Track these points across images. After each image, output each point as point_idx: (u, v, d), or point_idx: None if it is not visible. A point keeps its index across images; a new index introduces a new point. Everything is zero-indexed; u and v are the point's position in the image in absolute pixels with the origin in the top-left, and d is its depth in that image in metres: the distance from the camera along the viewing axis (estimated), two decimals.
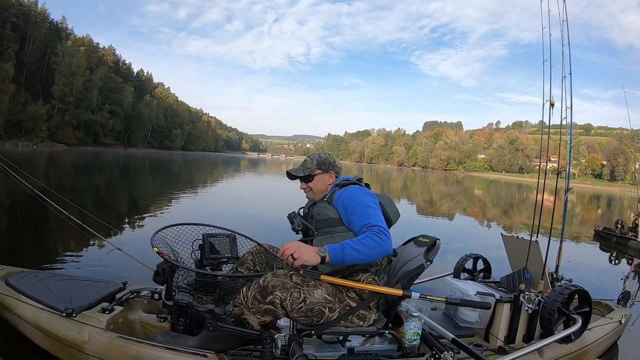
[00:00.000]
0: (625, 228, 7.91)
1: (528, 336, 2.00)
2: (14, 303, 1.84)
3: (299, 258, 1.49)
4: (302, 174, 1.85)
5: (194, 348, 1.60)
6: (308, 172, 1.86)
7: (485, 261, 2.82)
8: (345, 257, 1.49)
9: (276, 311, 1.58)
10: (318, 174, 1.86)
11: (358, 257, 1.50)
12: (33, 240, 4.58)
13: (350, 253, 1.49)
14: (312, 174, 1.85)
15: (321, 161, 1.87)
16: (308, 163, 1.88)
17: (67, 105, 49.78)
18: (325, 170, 1.86)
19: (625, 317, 2.47)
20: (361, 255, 1.50)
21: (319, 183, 1.86)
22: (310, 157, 1.91)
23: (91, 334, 1.63)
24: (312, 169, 1.86)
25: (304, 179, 1.87)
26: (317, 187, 1.86)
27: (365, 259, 1.53)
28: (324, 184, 1.86)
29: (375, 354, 1.70)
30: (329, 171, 1.87)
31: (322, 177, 1.86)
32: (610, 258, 6.60)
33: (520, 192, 28.98)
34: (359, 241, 1.52)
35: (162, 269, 1.67)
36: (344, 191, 1.74)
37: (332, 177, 1.88)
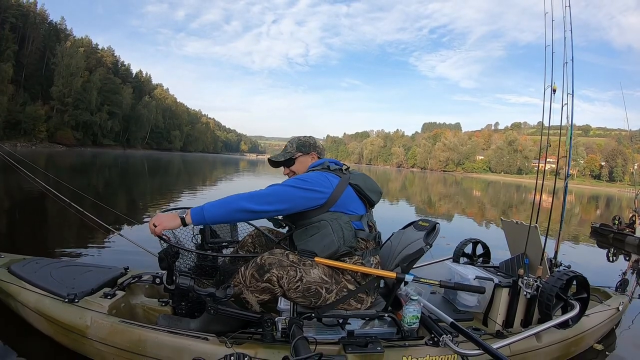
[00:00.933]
0: (623, 224, 7.95)
1: (526, 321, 2.02)
2: (16, 290, 1.85)
3: (159, 225, 1.52)
4: (283, 159, 1.83)
5: (196, 331, 1.62)
6: (289, 155, 1.84)
7: (485, 246, 2.84)
8: (205, 215, 1.51)
9: (274, 289, 1.59)
10: (299, 157, 1.84)
11: (217, 212, 1.52)
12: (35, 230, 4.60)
13: (209, 209, 1.51)
14: (293, 157, 1.83)
15: (301, 143, 1.85)
16: (288, 147, 1.86)
17: (66, 106, 49.83)
18: (306, 152, 1.84)
19: (623, 305, 2.49)
20: (219, 211, 1.52)
21: (301, 166, 1.84)
22: (291, 141, 1.89)
23: (93, 318, 1.64)
24: (292, 152, 1.84)
25: (285, 163, 1.85)
26: (300, 171, 1.84)
27: (226, 215, 1.54)
28: (305, 166, 1.84)
29: (375, 336, 1.71)
30: (310, 152, 1.85)
31: (304, 159, 1.84)
32: (607, 255, 6.60)
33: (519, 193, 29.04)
34: (222, 199, 1.54)
35: (164, 254, 1.68)
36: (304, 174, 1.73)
37: (314, 157, 1.85)
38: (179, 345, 1.56)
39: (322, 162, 1.78)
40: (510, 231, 2.52)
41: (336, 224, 1.62)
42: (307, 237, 1.64)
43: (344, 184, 1.68)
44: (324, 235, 1.61)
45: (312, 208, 1.62)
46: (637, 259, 6.26)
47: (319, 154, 1.87)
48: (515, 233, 2.43)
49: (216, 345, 1.55)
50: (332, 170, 1.72)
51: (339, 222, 1.63)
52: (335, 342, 1.65)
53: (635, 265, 5.84)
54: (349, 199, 1.68)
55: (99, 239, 4.18)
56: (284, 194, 1.57)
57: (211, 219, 1.54)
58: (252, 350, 1.55)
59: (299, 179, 1.63)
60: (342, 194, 1.66)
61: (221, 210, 1.52)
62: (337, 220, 1.63)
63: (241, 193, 1.55)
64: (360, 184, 1.70)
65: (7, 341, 1.88)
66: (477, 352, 1.62)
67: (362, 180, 1.73)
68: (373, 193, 1.75)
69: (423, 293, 2.04)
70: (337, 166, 1.77)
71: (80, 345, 1.68)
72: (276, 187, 1.59)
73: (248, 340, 1.62)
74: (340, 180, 1.68)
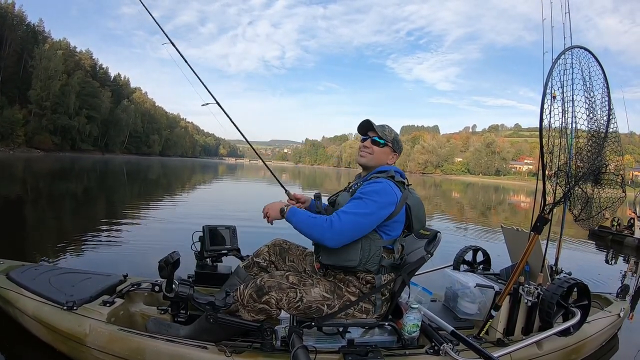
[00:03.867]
0: (622, 226, 7.95)
1: (527, 329, 2.01)
2: (15, 297, 1.85)
3: (269, 216, 1.65)
4: (379, 133, 1.72)
5: (194, 340, 1.61)
6: (384, 138, 1.73)
7: (485, 253, 2.83)
8: (294, 222, 1.59)
9: (271, 311, 1.59)
10: (388, 147, 1.75)
11: (301, 227, 1.58)
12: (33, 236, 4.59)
13: (298, 220, 1.58)
14: (386, 142, 1.74)
15: (396, 139, 1.77)
16: (386, 130, 1.75)
17: (44, 110, 49.06)
18: (394, 150, 1.77)
19: (623, 311, 2.48)
20: (302, 228, 1.57)
21: (382, 155, 1.75)
22: (389, 128, 1.77)
23: (92, 326, 1.63)
24: (388, 138, 1.74)
25: (376, 140, 1.73)
26: (377, 157, 1.74)
27: (304, 233, 1.58)
28: (384, 158, 1.75)
29: (375, 345, 1.70)
30: (395, 152, 1.78)
31: (388, 151, 1.75)
32: (606, 258, 6.58)
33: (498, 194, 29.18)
34: (312, 217, 1.58)
35: (164, 263, 1.67)
36: (372, 183, 1.64)
37: (394, 159, 1.78)
38: (178, 353, 1.55)
39: (388, 170, 1.70)
40: (510, 238, 2.52)
41: (367, 245, 1.59)
42: (331, 250, 1.59)
43: (402, 201, 1.63)
44: (349, 248, 1.58)
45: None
46: (636, 261, 6.25)
47: (395, 159, 1.80)
48: (515, 240, 2.42)
49: (215, 354, 1.55)
50: (397, 182, 1.66)
51: (372, 244, 1.60)
52: (335, 351, 1.64)
53: (635, 267, 5.83)
54: (398, 222, 1.64)
55: (97, 245, 4.18)
56: (364, 225, 1.55)
57: (297, 227, 1.59)
58: (252, 359, 1.55)
59: (372, 200, 1.55)
60: (398, 214, 1.61)
61: (302, 227, 1.57)
62: (372, 242, 1.60)
63: (325, 218, 1.54)
64: (413, 209, 1.67)
65: (6, 348, 1.88)
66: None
67: (416, 206, 1.69)
68: (418, 223, 1.71)
69: (423, 301, 2.04)
70: (401, 178, 1.70)
71: (79, 353, 1.68)
72: (351, 211, 1.53)
73: (247, 349, 1.61)
74: (402, 196, 1.63)
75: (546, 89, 1.82)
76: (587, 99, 2.12)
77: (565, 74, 2.02)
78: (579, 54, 2.05)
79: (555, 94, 1.92)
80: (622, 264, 6.16)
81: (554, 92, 1.92)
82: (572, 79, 2.04)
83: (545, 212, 1.92)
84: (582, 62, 2.08)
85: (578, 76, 2.06)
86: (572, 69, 2.01)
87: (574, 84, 2.06)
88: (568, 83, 2.04)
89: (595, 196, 2.26)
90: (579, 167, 2.10)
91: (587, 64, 2.09)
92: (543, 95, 1.81)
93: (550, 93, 1.88)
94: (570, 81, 2.04)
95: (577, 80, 2.07)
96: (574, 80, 2.06)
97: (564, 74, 2.02)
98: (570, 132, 2.19)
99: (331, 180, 31.21)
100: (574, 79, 2.06)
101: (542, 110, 1.82)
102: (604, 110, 2.16)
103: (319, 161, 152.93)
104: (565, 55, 1.97)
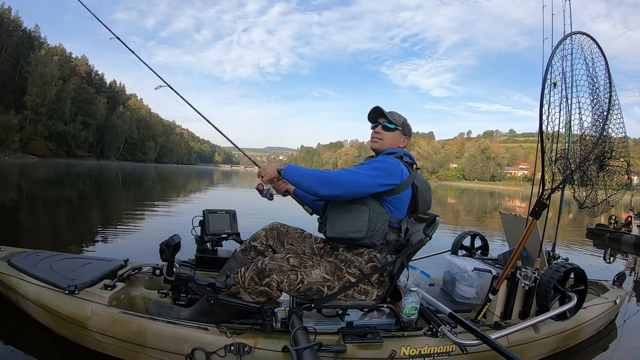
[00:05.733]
0: (619, 224, 7.98)
1: (524, 312, 2.03)
2: (17, 282, 1.86)
3: (265, 175, 1.66)
4: (390, 118, 1.77)
5: (194, 321, 1.63)
6: (394, 123, 1.78)
7: (483, 238, 2.84)
8: (292, 175, 1.57)
9: (271, 293, 1.60)
10: (398, 131, 1.80)
11: (298, 179, 1.56)
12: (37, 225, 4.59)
13: (296, 173, 1.57)
14: (396, 126, 1.79)
15: (406, 124, 1.82)
16: (395, 115, 1.80)
17: (40, 115, 48.93)
18: (404, 133, 1.81)
19: (620, 298, 2.50)
20: (300, 179, 1.56)
21: (393, 139, 1.80)
22: (397, 115, 1.82)
23: (94, 310, 1.65)
24: (397, 122, 1.79)
25: (386, 125, 1.78)
26: (389, 141, 1.79)
27: (302, 184, 1.55)
28: (395, 142, 1.80)
29: (374, 327, 1.72)
30: (406, 135, 1.82)
31: (399, 135, 1.81)
32: (604, 256, 6.59)
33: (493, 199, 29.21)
34: (310, 169, 1.58)
35: (165, 245, 1.69)
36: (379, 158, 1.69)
37: (405, 142, 1.82)
38: (179, 335, 1.56)
39: (397, 152, 1.75)
40: (508, 224, 2.53)
41: (374, 218, 1.61)
42: (338, 220, 1.62)
43: (409, 180, 1.66)
44: (356, 219, 1.60)
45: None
46: (635, 257, 6.28)
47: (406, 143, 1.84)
48: (513, 226, 2.44)
49: (216, 335, 1.56)
50: (405, 162, 1.69)
51: (379, 218, 1.62)
52: (335, 333, 1.66)
53: (633, 263, 5.86)
54: (404, 199, 1.67)
55: (99, 231, 4.18)
56: (359, 183, 1.54)
57: (297, 182, 1.58)
58: (252, 340, 1.56)
59: (377, 169, 1.58)
60: (403, 191, 1.64)
61: (304, 180, 1.55)
62: (379, 215, 1.62)
63: (329, 172, 1.56)
64: (420, 190, 1.69)
65: (8, 333, 1.89)
66: (475, 342, 1.64)
67: (423, 188, 1.71)
68: (424, 205, 1.74)
69: (422, 284, 2.05)
70: (410, 160, 1.74)
71: (80, 337, 1.69)
72: (354, 175, 1.54)
73: (248, 331, 1.62)
74: (409, 175, 1.66)
75: (547, 75, 1.83)
76: (591, 84, 2.13)
77: (566, 60, 2.03)
78: (580, 40, 2.05)
79: (555, 80, 1.93)
80: (620, 261, 6.17)
81: (554, 79, 1.93)
82: (572, 65, 2.04)
83: (544, 197, 1.94)
84: (584, 49, 2.07)
85: (581, 61, 2.06)
86: (572, 54, 2.01)
87: (577, 70, 2.06)
88: (568, 69, 2.04)
89: (600, 181, 2.26)
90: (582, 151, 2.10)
91: (590, 50, 2.10)
92: (543, 81, 1.82)
93: (550, 79, 1.89)
94: (570, 67, 2.05)
95: (580, 65, 2.07)
96: (576, 66, 2.05)
97: (564, 60, 2.02)
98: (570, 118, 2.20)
99: None
100: (577, 64, 2.05)
101: (543, 96, 1.83)
102: (607, 96, 2.17)
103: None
104: (565, 42, 1.98)
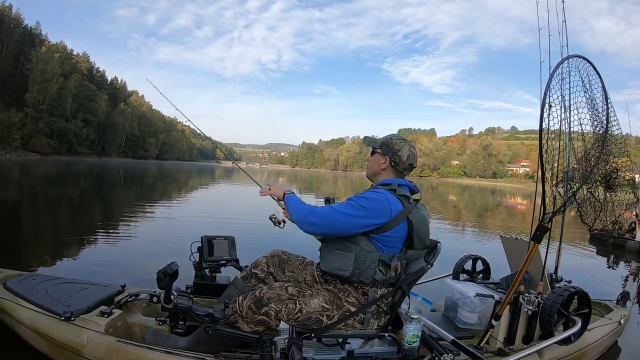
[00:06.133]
0: (623, 229, 7.93)
1: (527, 338, 2.00)
2: (12, 306, 1.83)
3: (270, 190, 1.76)
4: (373, 145, 1.78)
5: (192, 351, 1.60)
6: (373, 145, 1.79)
7: (485, 262, 2.81)
8: (288, 203, 1.68)
9: (270, 322, 1.58)
10: (377, 153, 1.76)
11: (291, 209, 1.66)
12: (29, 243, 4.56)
13: (292, 202, 1.67)
14: (374, 148, 1.78)
15: (385, 142, 1.75)
16: (378, 139, 1.80)
17: (41, 113, 48.85)
18: (383, 153, 1.74)
19: (624, 318, 2.47)
20: (291, 209, 1.66)
21: (374, 162, 1.77)
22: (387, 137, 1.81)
23: (90, 337, 1.62)
24: (376, 144, 1.77)
25: (372, 150, 1.80)
26: (371, 165, 1.79)
27: (291, 214, 1.66)
28: (377, 165, 1.76)
29: (375, 356, 1.69)
30: (385, 155, 1.73)
31: (378, 158, 1.76)
32: (608, 263, 6.56)
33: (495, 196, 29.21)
34: (302, 203, 1.66)
35: (162, 274, 1.66)
36: (369, 191, 1.65)
37: (386, 163, 1.73)
38: None
39: (391, 183, 1.67)
40: (509, 247, 2.50)
41: (362, 256, 1.57)
42: (328, 256, 1.65)
43: (402, 215, 1.58)
44: (343, 257, 1.58)
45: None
46: (638, 265, 6.24)
47: (393, 163, 1.72)
48: (514, 249, 2.41)
49: None
50: (399, 195, 1.62)
51: (368, 256, 1.57)
52: None
53: (636, 271, 5.82)
54: (395, 236, 1.60)
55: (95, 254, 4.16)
56: (341, 225, 1.54)
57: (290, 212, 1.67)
58: None
59: (362, 207, 1.54)
60: (394, 227, 1.58)
61: (292, 213, 1.65)
62: (367, 253, 1.57)
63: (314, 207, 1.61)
64: (415, 225, 1.61)
65: (2, 358, 1.86)
66: None
67: (419, 223, 1.63)
68: (419, 242, 1.65)
69: (423, 311, 2.03)
70: (405, 192, 1.64)
71: None
72: (337, 215, 1.54)
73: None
74: (402, 210, 1.59)
75: (545, 100, 1.81)
76: (589, 103, 2.13)
77: (563, 83, 2.02)
78: (576, 62, 2.06)
79: (551, 104, 1.92)
80: (623, 269, 6.14)
81: (551, 101, 1.92)
82: (569, 87, 2.05)
83: (545, 221, 1.91)
84: (580, 69, 2.09)
85: (578, 82, 2.07)
86: (570, 76, 2.02)
87: (575, 90, 2.08)
88: (566, 92, 2.04)
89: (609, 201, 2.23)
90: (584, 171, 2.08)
91: (586, 70, 2.11)
92: (542, 105, 1.80)
93: (548, 102, 1.87)
94: (568, 89, 2.05)
95: (578, 86, 2.08)
96: (574, 87, 2.08)
97: (562, 83, 2.02)
98: (569, 140, 2.19)
99: (328, 183, 31.14)
100: (574, 85, 2.07)
101: (542, 120, 1.82)
102: (604, 115, 2.16)
103: (315, 164, 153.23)
104: (562, 65, 1.97)
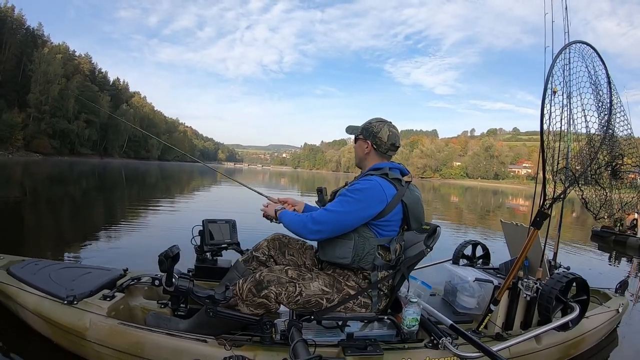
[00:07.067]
0: (625, 227, 7.92)
1: (526, 323, 2.02)
2: (15, 292, 1.85)
3: (267, 210, 1.78)
4: (355, 132, 1.77)
5: (193, 333, 1.62)
6: (355, 133, 1.77)
7: (484, 248, 2.82)
8: (284, 221, 1.69)
9: (270, 305, 1.59)
10: (359, 139, 1.75)
11: (288, 225, 1.67)
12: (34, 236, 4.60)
13: (287, 219, 1.68)
14: (356, 135, 1.77)
15: (365, 127, 1.74)
16: (362, 125, 1.78)
17: (43, 113, 49.05)
18: (365, 138, 1.73)
19: (622, 306, 2.48)
20: (289, 225, 1.66)
21: (358, 149, 1.77)
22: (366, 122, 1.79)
23: (92, 320, 1.64)
24: (357, 131, 1.77)
25: (355, 137, 1.79)
26: (356, 153, 1.80)
27: (291, 230, 1.66)
28: (361, 151, 1.76)
29: (374, 339, 1.70)
30: (367, 140, 1.72)
31: (361, 143, 1.75)
32: (609, 260, 6.54)
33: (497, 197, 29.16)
34: (297, 215, 1.69)
35: (164, 257, 1.68)
36: (361, 181, 1.63)
37: (369, 147, 1.72)
38: (178, 347, 1.56)
39: (382, 167, 1.66)
40: (509, 233, 2.51)
41: (361, 244, 1.59)
42: (326, 246, 1.64)
43: (397, 199, 1.59)
44: (342, 245, 1.60)
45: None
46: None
47: (376, 146, 1.71)
48: (514, 235, 2.42)
49: (215, 348, 1.55)
50: (391, 178, 1.61)
51: (366, 243, 1.59)
52: (335, 345, 1.65)
53: (638, 267, 5.80)
54: (393, 219, 1.61)
55: (98, 239, 4.18)
56: (342, 225, 1.56)
57: (285, 224, 1.69)
58: (251, 352, 1.55)
59: (357, 200, 1.54)
60: (390, 212, 1.59)
61: (288, 226, 1.67)
62: (366, 240, 1.59)
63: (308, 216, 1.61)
64: (410, 207, 1.62)
65: (6, 343, 1.88)
66: (476, 354, 1.62)
67: (414, 204, 1.64)
68: (415, 222, 1.67)
69: (422, 295, 2.04)
70: (396, 175, 1.64)
71: (79, 347, 1.68)
72: (335, 216, 1.55)
73: (247, 343, 1.62)
74: (396, 194, 1.60)
75: (547, 84, 1.82)
76: (593, 90, 2.12)
77: (566, 69, 2.02)
78: (581, 49, 2.04)
79: (555, 89, 1.93)
80: (625, 266, 6.13)
81: (554, 87, 1.92)
82: (570, 73, 2.05)
83: (545, 207, 1.92)
84: (585, 57, 2.07)
85: (583, 69, 2.05)
86: (570, 63, 2.01)
87: (580, 77, 2.05)
88: (567, 78, 2.04)
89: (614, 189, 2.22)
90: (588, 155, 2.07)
91: (591, 58, 2.09)
92: (544, 90, 1.81)
93: (551, 88, 1.88)
94: (570, 75, 2.05)
95: (583, 72, 2.06)
96: (579, 74, 2.04)
97: (564, 70, 2.02)
98: (569, 128, 2.19)
99: (329, 184, 31.17)
100: (579, 72, 2.05)
101: (544, 105, 1.82)
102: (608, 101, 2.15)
103: (317, 165, 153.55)
104: (566, 51, 1.97)
